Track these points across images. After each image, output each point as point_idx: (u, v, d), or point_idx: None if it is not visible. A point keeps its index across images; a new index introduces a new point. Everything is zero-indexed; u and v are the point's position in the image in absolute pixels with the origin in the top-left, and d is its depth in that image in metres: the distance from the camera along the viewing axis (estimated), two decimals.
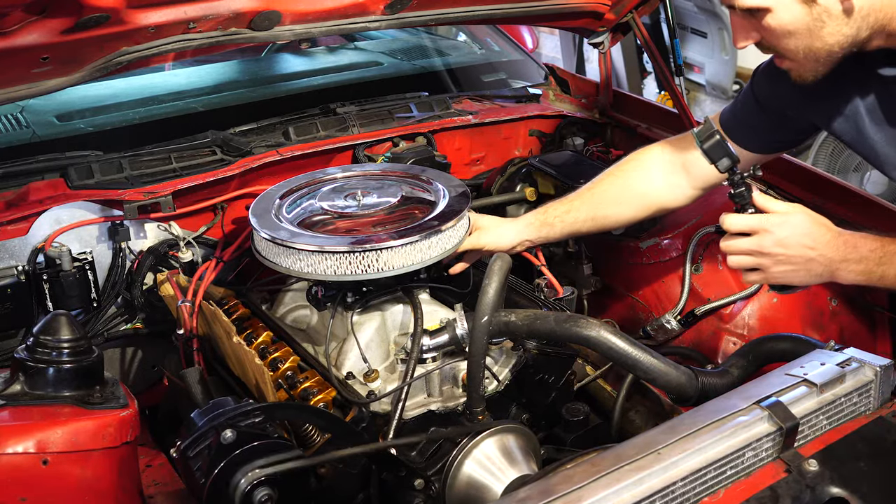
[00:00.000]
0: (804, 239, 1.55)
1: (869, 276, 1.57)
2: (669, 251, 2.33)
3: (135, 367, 2.26)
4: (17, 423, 1.38)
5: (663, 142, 2.02)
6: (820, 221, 1.58)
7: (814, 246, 1.55)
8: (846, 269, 1.57)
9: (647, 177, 1.97)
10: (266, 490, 1.42)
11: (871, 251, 1.56)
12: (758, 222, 1.56)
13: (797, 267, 1.57)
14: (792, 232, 1.55)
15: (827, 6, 1.50)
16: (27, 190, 2.10)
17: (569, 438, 1.85)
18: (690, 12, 5.68)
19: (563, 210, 2.02)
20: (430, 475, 1.59)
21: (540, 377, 1.87)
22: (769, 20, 1.54)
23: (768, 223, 1.56)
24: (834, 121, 1.79)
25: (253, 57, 3.22)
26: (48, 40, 1.73)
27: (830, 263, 1.56)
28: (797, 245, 1.55)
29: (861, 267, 1.57)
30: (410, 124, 2.56)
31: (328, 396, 1.71)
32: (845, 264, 1.56)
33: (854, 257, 1.56)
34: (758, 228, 1.56)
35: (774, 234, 1.55)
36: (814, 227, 1.57)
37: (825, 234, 1.56)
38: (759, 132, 1.88)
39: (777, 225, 1.55)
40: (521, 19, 3.09)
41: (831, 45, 1.55)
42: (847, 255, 1.56)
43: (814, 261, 1.56)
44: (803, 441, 1.45)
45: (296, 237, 1.81)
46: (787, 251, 1.55)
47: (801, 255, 1.55)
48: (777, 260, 1.56)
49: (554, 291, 2.05)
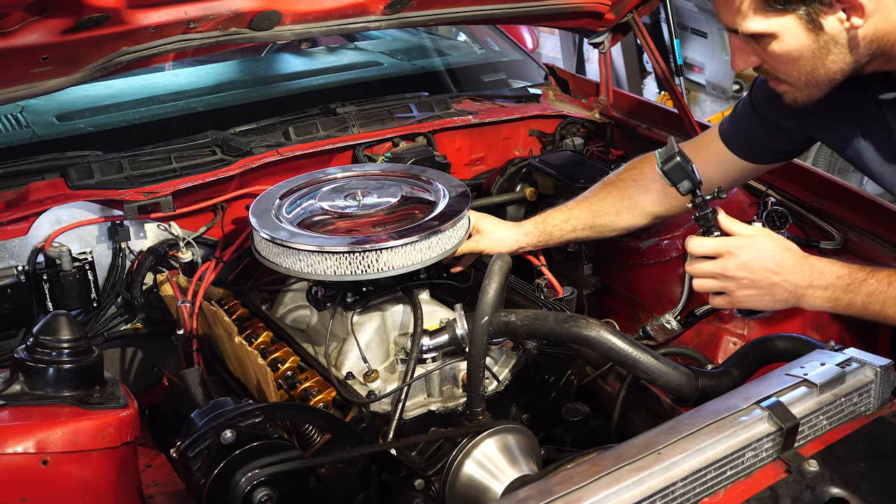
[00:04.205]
0: (768, 263, 1.53)
1: (835, 303, 1.54)
2: (669, 251, 2.33)
3: (135, 367, 2.26)
4: (17, 423, 1.38)
5: None
6: (785, 246, 1.55)
7: (778, 270, 1.53)
8: (812, 296, 1.54)
9: (645, 187, 1.97)
10: (266, 490, 1.42)
11: (837, 278, 1.53)
12: (721, 245, 1.54)
13: (761, 291, 1.54)
14: (755, 256, 1.53)
15: (833, 34, 1.48)
16: (27, 190, 2.10)
17: (569, 438, 1.85)
18: (690, 12, 5.68)
19: (562, 219, 2.03)
20: (430, 475, 1.59)
21: (540, 377, 1.87)
22: (774, 46, 1.52)
23: (732, 246, 1.53)
24: (830, 137, 1.79)
25: (253, 57, 3.21)
26: (48, 40, 1.73)
27: (795, 289, 1.54)
28: (761, 269, 1.53)
29: (827, 294, 1.54)
30: (410, 124, 2.56)
31: (328, 397, 1.71)
32: (811, 290, 1.54)
33: (820, 283, 1.53)
34: (721, 251, 1.54)
35: (738, 258, 1.53)
36: (778, 251, 1.54)
37: (790, 258, 1.54)
38: (756, 142, 1.87)
39: (741, 248, 1.53)
40: (521, 19, 3.09)
41: (834, 72, 1.54)
42: (813, 280, 1.53)
43: (777, 285, 1.53)
44: (803, 441, 1.45)
45: (295, 237, 1.81)
46: (751, 275, 1.53)
47: (764, 280, 1.53)
48: (741, 284, 1.54)
49: (554, 291, 2.05)
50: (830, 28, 1.47)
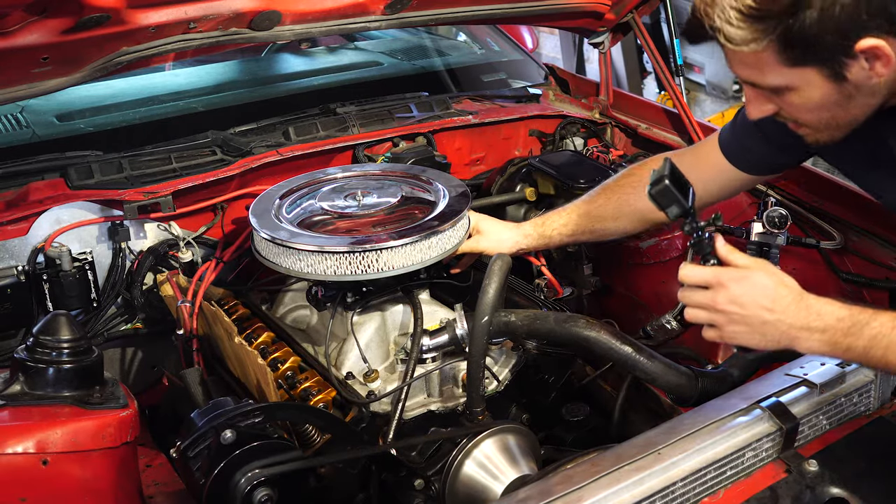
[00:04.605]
0: (762, 299, 1.40)
1: (833, 347, 1.40)
2: (669, 251, 2.33)
3: (135, 367, 2.26)
4: (17, 423, 1.38)
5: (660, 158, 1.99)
6: (782, 282, 1.42)
7: (772, 308, 1.40)
8: (808, 338, 1.40)
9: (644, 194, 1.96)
10: (266, 490, 1.42)
11: (838, 320, 1.39)
12: (713, 276, 1.42)
13: (751, 329, 1.41)
14: (749, 290, 1.40)
15: (857, 83, 1.39)
16: (27, 190, 2.10)
17: (569, 438, 1.85)
18: None
19: (561, 223, 2.02)
20: (429, 475, 1.59)
21: (540, 377, 1.87)
22: (793, 98, 1.45)
23: (725, 278, 1.41)
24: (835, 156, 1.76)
25: (253, 57, 3.21)
26: (48, 40, 1.73)
27: (789, 329, 1.40)
28: (753, 304, 1.40)
29: (826, 337, 1.39)
30: (410, 124, 2.56)
31: (328, 397, 1.71)
32: (807, 333, 1.40)
33: (818, 325, 1.39)
34: (712, 282, 1.42)
35: (729, 291, 1.41)
36: (773, 287, 1.41)
37: (786, 295, 1.41)
38: (757, 155, 1.83)
39: (733, 280, 1.41)
40: (521, 19, 3.09)
41: (856, 115, 1.47)
42: (810, 322, 1.39)
43: (769, 324, 1.40)
44: (803, 441, 1.45)
45: (295, 237, 1.81)
46: (742, 310, 1.40)
47: (756, 317, 1.40)
48: (731, 318, 1.41)
49: (554, 291, 2.05)
50: (854, 77, 1.38)
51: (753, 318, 1.40)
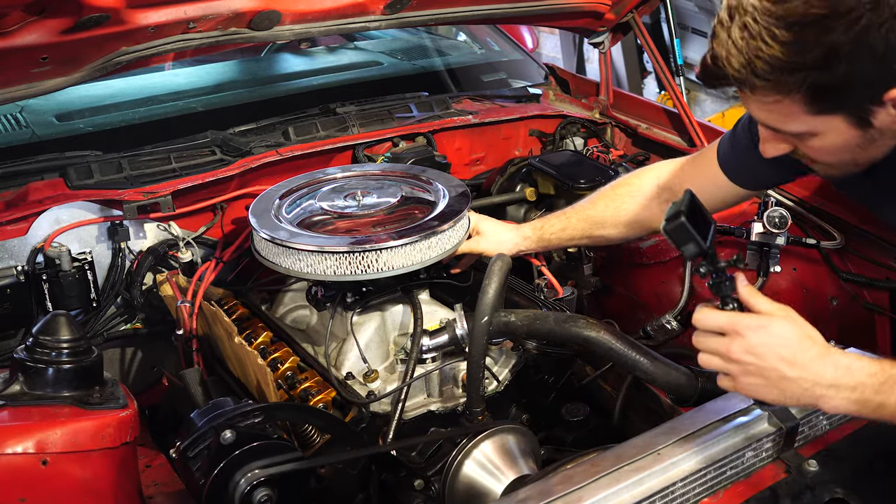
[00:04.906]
0: (782, 351, 1.27)
1: (863, 405, 1.27)
2: (669, 251, 2.33)
3: (134, 368, 2.26)
4: (17, 423, 1.38)
5: (658, 167, 1.97)
6: (807, 334, 1.29)
7: (792, 361, 1.27)
8: (836, 397, 1.28)
9: (642, 204, 1.95)
10: (265, 490, 1.42)
11: (869, 376, 1.27)
12: (728, 322, 1.30)
13: (768, 383, 1.29)
14: (768, 340, 1.28)
15: (881, 128, 1.35)
16: (27, 190, 2.10)
17: (569, 438, 1.85)
18: (691, 12, 5.68)
19: (560, 228, 2.02)
20: (429, 475, 1.59)
21: (540, 377, 1.87)
22: (815, 142, 1.40)
23: (741, 325, 1.29)
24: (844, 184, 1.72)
25: (253, 57, 3.22)
26: (48, 40, 1.73)
27: (814, 387, 1.28)
28: (772, 357, 1.28)
29: (856, 395, 1.27)
30: (410, 124, 2.56)
31: (328, 397, 1.71)
32: (833, 391, 1.27)
33: (848, 383, 1.27)
34: (728, 329, 1.30)
35: (746, 340, 1.28)
36: (796, 339, 1.29)
37: (808, 349, 1.28)
38: (756, 172, 1.80)
39: (751, 329, 1.28)
40: (521, 19, 3.09)
41: (875, 155, 1.43)
42: (838, 379, 1.27)
43: (790, 381, 1.28)
44: (803, 441, 1.45)
45: (295, 237, 1.80)
46: (759, 362, 1.28)
47: (774, 371, 1.28)
48: (746, 370, 1.30)
49: (554, 291, 2.05)
50: (880, 122, 1.33)
51: (771, 371, 1.29)
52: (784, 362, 1.27)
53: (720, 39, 1.31)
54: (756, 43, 1.27)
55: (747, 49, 1.28)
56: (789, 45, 1.25)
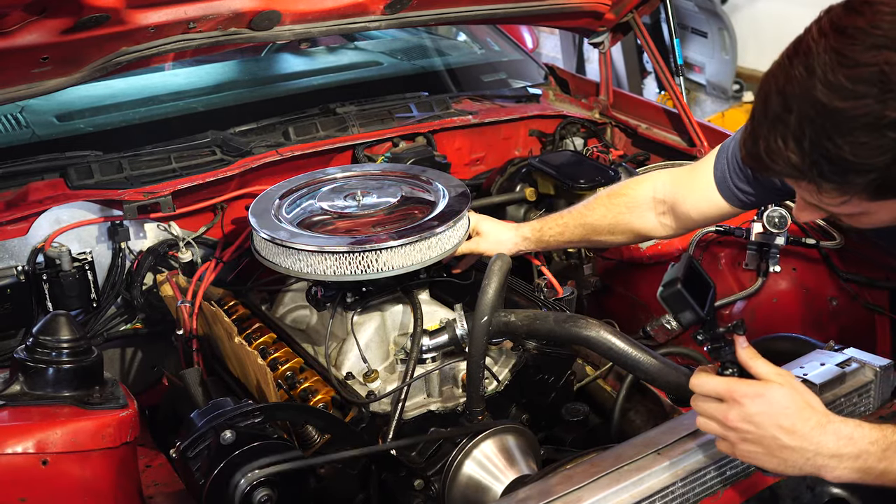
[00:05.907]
0: (781, 419, 1.25)
1: (866, 473, 1.26)
2: (669, 252, 2.33)
3: (134, 368, 2.27)
4: (17, 423, 1.38)
5: (654, 177, 1.96)
6: (807, 402, 1.27)
7: (791, 430, 1.25)
8: (838, 466, 1.25)
9: (639, 214, 1.95)
10: (265, 490, 1.42)
11: (871, 443, 1.25)
12: (725, 389, 1.28)
13: (766, 451, 1.27)
14: (766, 409, 1.26)
15: None
16: (27, 190, 2.10)
17: (569, 438, 1.85)
18: (691, 12, 5.68)
19: (558, 231, 2.02)
20: (429, 475, 1.59)
21: (540, 377, 1.87)
22: (863, 218, 1.34)
23: (738, 392, 1.27)
24: None
25: (253, 57, 3.21)
26: (48, 40, 1.73)
27: (815, 457, 1.25)
28: (770, 425, 1.26)
29: (859, 464, 1.25)
30: (410, 124, 2.56)
31: (328, 397, 1.71)
32: (836, 460, 1.25)
33: (850, 452, 1.25)
34: (726, 396, 1.28)
35: (743, 408, 1.27)
36: (795, 408, 1.26)
37: (808, 418, 1.26)
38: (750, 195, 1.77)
39: (748, 397, 1.27)
40: (521, 19, 3.09)
41: None
42: (840, 449, 1.25)
43: (789, 450, 1.26)
44: None
45: (295, 237, 1.80)
46: (757, 430, 1.26)
47: (772, 439, 1.26)
48: (744, 437, 1.28)
49: (554, 291, 2.05)
50: None
51: (770, 440, 1.26)
52: (783, 431, 1.26)
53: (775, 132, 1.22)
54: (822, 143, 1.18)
55: (811, 148, 1.19)
56: (859, 146, 1.17)
